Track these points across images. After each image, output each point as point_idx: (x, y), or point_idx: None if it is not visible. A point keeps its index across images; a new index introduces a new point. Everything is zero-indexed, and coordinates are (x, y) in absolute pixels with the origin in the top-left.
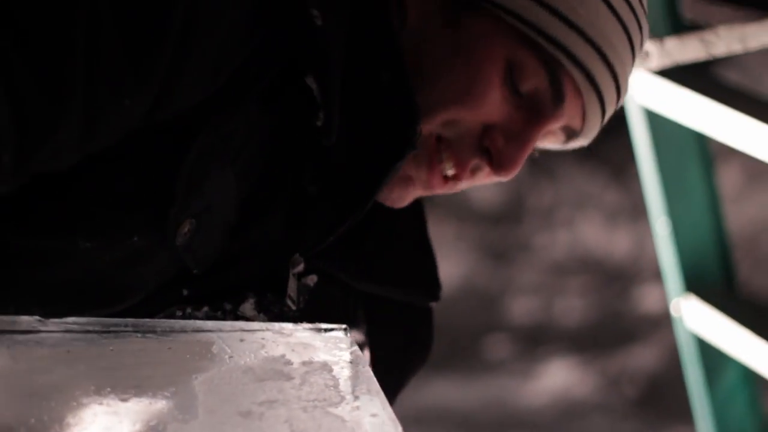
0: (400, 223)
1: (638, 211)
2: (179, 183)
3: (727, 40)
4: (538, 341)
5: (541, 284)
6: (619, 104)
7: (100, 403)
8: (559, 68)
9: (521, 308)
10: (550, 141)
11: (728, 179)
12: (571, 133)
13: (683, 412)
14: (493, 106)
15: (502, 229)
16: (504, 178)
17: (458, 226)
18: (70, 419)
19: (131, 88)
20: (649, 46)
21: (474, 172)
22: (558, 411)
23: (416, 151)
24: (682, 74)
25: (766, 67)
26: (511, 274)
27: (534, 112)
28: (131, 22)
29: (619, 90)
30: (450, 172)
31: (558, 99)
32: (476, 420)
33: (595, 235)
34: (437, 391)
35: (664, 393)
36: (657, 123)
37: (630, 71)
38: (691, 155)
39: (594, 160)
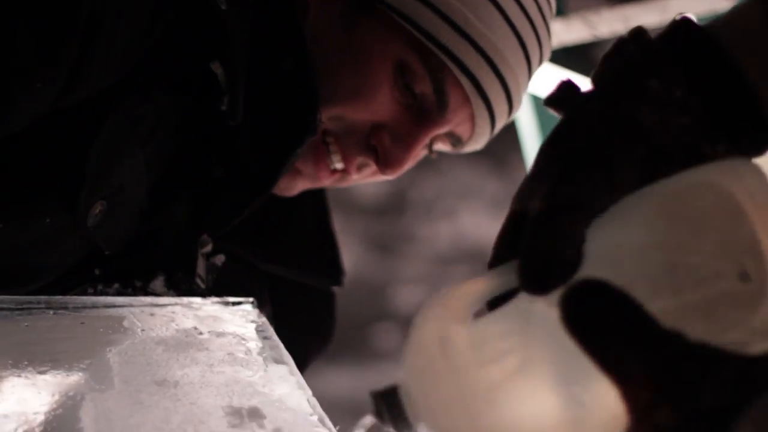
0: (304, 210)
1: None
2: (89, 165)
3: (610, 21)
4: None
5: (426, 274)
6: (512, 115)
7: (18, 376)
8: (445, 75)
9: (408, 298)
10: (440, 144)
11: None
12: (456, 140)
13: None
14: (380, 106)
15: (386, 221)
16: (389, 177)
17: (343, 218)
18: None
19: (42, 72)
20: None
21: (360, 168)
22: None
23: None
24: (566, 57)
25: None
26: (396, 265)
27: (421, 116)
28: (41, 9)
29: (510, 101)
30: (338, 165)
31: (442, 105)
32: (368, 408)
33: (478, 226)
34: (327, 380)
35: None
36: (542, 108)
37: (525, 84)
38: None
39: (475, 151)
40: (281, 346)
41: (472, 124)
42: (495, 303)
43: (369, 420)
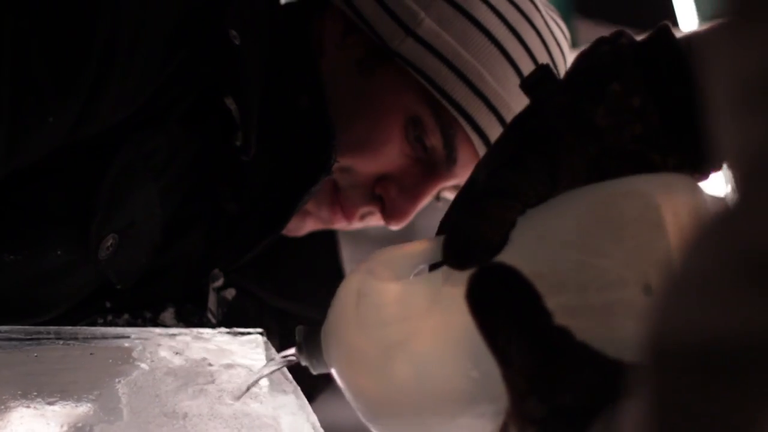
0: (314, 245)
1: None
2: (100, 197)
3: None
4: None
5: None
6: None
7: (27, 407)
8: (456, 131)
9: None
10: (446, 193)
11: None
12: None
13: None
14: (389, 158)
15: None
16: (393, 228)
17: (352, 248)
18: None
19: (55, 105)
20: None
21: (363, 217)
22: None
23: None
24: None
25: None
26: None
27: (429, 169)
28: (56, 43)
29: None
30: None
31: (451, 160)
32: None
33: None
34: (335, 412)
35: None
36: None
37: None
38: None
39: None
40: (290, 377)
41: None
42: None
43: (290, 351)
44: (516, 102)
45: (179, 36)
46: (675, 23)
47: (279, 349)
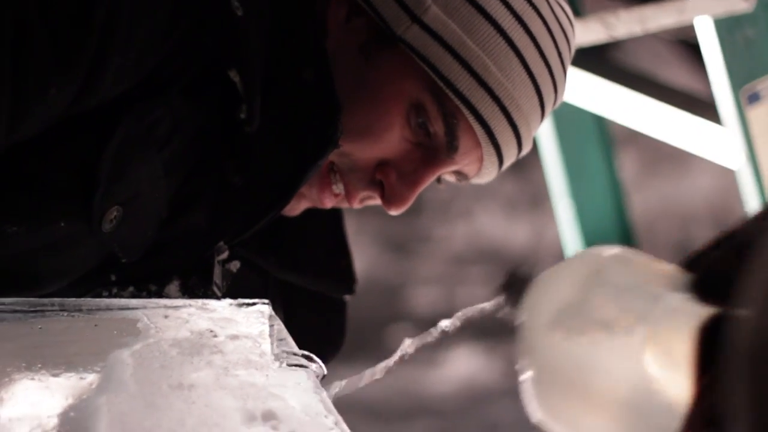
0: (318, 218)
1: (536, 201)
2: (102, 169)
3: (627, 22)
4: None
5: (442, 275)
6: (520, 156)
7: (32, 379)
8: (459, 120)
9: (423, 298)
10: (446, 176)
11: (624, 168)
12: (462, 177)
13: None
14: (390, 144)
15: (402, 222)
16: (393, 213)
17: (359, 219)
18: (3, 394)
19: (57, 78)
20: None
21: (363, 200)
22: (464, 397)
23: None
24: (583, 58)
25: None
26: (412, 266)
27: (429, 155)
28: (57, 15)
29: (520, 145)
30: (341, 190)
31: (451, 148)
32: (384, 409)
33: (494, 226)
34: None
35: None
36: (559, 111)
37: (537, 127)
38: (591, 136)
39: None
40: (296, 348)
41: (480, 164)
42: None
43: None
44: (519, 91)
45: (181, 7)
46: None
47: (283, 320)
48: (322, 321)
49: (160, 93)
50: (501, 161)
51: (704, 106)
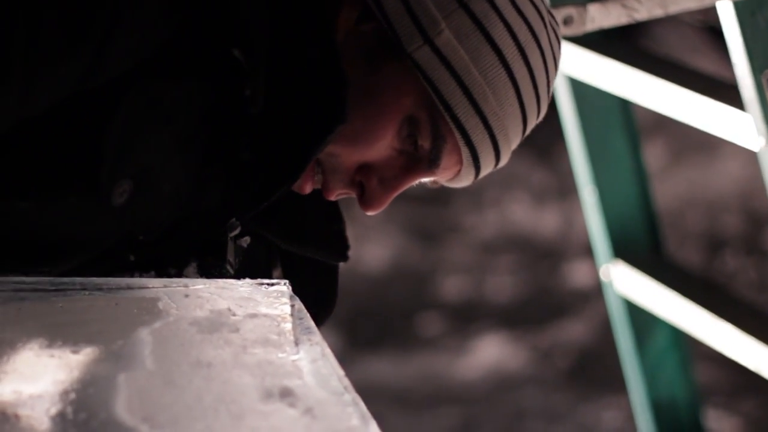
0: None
1: (565, 190)
2: (109, 142)
3: (648, 5)
4: (470, 318)
5: (471, 263)
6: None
7: (52, 356)
8: (448, 141)
9: (452, 286)
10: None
11: (651, 157)
12: (435, 183)
13: (613, 381)
14: (378, 151)
15: (430, 211)
16: (369, 213)
17: (388, 207)
18: (25, 371)
19: (66, 55)
20: (572, 11)
21: (339, 196)
22: (491, 384)
23: None
24: (604, 41)
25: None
26: (441, 254)
27: (411, 164)
28: None
29: (497, 164)
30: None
31: (433, 164)
32: (411, 395)
33: (523, 215)
34: (372, 368)
35: (594, 364)
36: (581, 91)
37: (516, 144)
38: (616, 123)
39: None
40: (314, 327)
41: (456, 176)
42: None
43: None
44: (509, 120)
45: None
46: None
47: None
48: (317, 286)
49: (166, 70)
50: (477, 175)
51: (733, 92)
